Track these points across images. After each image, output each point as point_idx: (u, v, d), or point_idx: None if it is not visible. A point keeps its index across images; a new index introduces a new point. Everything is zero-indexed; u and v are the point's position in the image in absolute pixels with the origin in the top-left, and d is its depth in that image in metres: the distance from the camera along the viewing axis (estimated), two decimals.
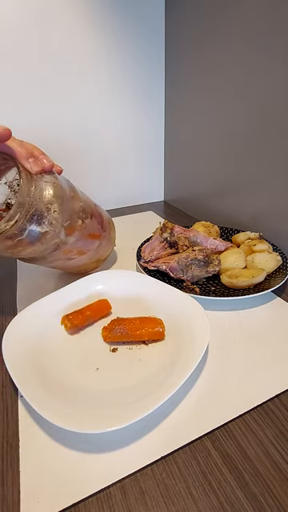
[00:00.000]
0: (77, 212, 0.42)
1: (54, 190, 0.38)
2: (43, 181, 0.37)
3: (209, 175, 0.73)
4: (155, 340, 0.39)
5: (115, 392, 0.33)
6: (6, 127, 0.33)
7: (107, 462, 0.27)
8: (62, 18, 0.65)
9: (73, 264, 0.47)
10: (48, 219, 0.37)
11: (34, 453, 0.28)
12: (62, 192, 0.39)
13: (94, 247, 0.47)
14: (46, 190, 0.37)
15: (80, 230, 0.42)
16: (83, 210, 0.43)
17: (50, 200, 0.37)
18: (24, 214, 0.35)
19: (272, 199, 0.57)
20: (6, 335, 0.37)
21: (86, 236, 0.44)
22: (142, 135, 0.85)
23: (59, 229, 0.39)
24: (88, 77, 0.72)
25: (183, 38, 0.70)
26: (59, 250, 0.41)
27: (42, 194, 0.36)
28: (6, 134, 0.33)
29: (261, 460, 0.27)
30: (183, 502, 0.25)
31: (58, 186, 0.38)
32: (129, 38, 0.73)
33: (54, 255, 0.42)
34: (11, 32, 0.62)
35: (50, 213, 0.37)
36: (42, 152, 0.38)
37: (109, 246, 0.52)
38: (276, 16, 0.48)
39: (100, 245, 0.48)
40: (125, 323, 0.39)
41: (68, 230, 0.40)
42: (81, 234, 0.43)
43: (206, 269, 0.49)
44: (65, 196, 0.39)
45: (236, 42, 0.56)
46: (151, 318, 0.40)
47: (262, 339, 0.40)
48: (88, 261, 0.48)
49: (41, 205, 0.36)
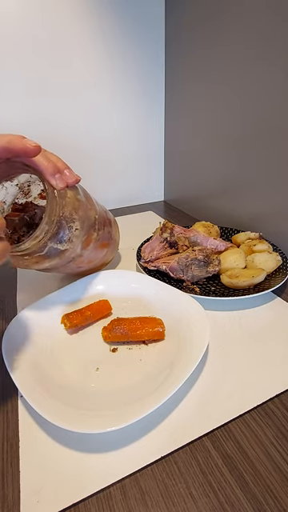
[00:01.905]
0: (93, 225, 0.41)
1: (77, 207, 0.37)
2: (67, 197, 0.36)
3: (209, 175, 0.73)
4: (155, 340, 0.39)
5: (115, 392, 0.33)
6: (36, 144, 0.31)
7: (107, 462, 0.27)
8: (61, 19, 0.65)
9: (80, 270, 0.47)
10: (69, 237, 0.37)
11: (34, 453, 0.28)
12: (83, 208, 0.38)
13: (102, 255, 0.47)
14: (68, 207, 0.36)
15: (94, 242, 0.42)
16: (98, 221, 0.43)
17: (73, 218, 0.37)
18: (47, 233, 0.35)
19: (272, 199, 0.57)
20: (6, 335, 0.37)
21: (98, 246, 0.44)
22: (142, 135, 0.85)
23: (78, 244, 0.39)
24: (88, 77, 0.72)
25: (183, 37, 0.70)
26: (73, 261, 0.41)
27: (65, 212, 0.36)
28: (35, 151, 0.31)
29: (261, 460, 0.27)
30: (183, 502, 0.25)
31: (80, 202, 0.38)
32: (129, 37, 0.72)
33: (66, 266, 0.42)
34: (11, 32, 0.62)
35: (72, 230, 0.37)
36: (67, 165, 0.36)
37: (114, 251, 0.52)
38: (277, 16, 0.48)
39: (107, 252, 0.49)
40: (125, 323, 0.39)
41: (84, 243, 0.40)
42: (94, 246, 0.43)
43: (206, 269, 0.49)
44: (85, 212, 0.39)
45: (237, 41, 0.56)
46: (151, 318, 0.40)
47: (262, 339, 0.40)
48: (94, 267, 0.48)
49: (64, 223, 0.36)
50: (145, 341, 0.39)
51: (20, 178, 0.41)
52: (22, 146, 0.30)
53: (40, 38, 0.64)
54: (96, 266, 0.49)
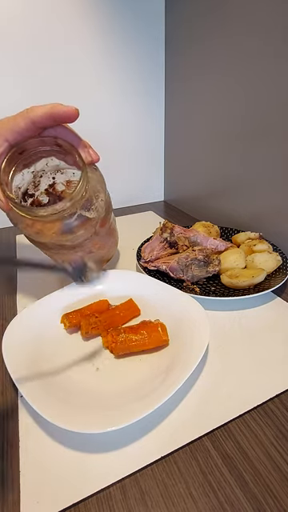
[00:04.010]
0: (109, 204, 0.44)
1: (100, 180, 0.41)
2: (92, 171, 0.39)
3: (209, 175, 0.73)
4: None
5: (115, 392, 0.33)
6: (76, 107, 0.33)
7: (107, 462, 0.27)
8: (61, 15, 0.65)
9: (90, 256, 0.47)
10: (95, 206, 0.39)
11: (33, 453, 0.28)
12: (104, 182, 0.42)
13: (109, 243, 0.49)
14: (94, 179, 0.39)
15: (108, 222, 0.45)
16: (111, 204, 0.46)
17: (98, 189, 0.40)
18: (81, 198, 0.36)
19: (272, 199, 0.57)
20: (6, 335, 0.37)
21: (110, 230, 0.47)
22: (142, 134, 0.85)
23: (100, 217, 0.41)
24: (87, 75, 0.72)
25: (184, 32, 0.69)
26: (90, 240, 0.42)
27: (92, 182, 0.39)
28: (76, 113, 0.34)
29: (261, 460, 0.27)
30: (183, 502, 0.25)
31: (102, 177, 0.41)
32: (128, 33, 0.72)
33: (82, 246, 0.42)
34: (11, 30, 0.62)
35: (98, 200, 0.39)
36: (90, 144, 0.39)
37: (115, 245, 0.53)
38: (277, 12, 0.48)
39: (113, 243, 0.51)
40: (131, 341, 0.37)
41: (102, 220, 0.42)
42: (108, 228, 0.45)
43: (206, 269, 0.49)
44: (105, 186, 0.42)
45: (237, 38, 0.56)
46: (156, 331, 0.38)
47: (262, 339, 0.40)
48: (100, 258, 0.49)
49: (91, 192, 0.38)
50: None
51: (37, 165, 0.42)
52: (66, 109, 0.33)
53: (39, 34, 0.64)
54: (102, 259, 0.50)
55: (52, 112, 0.32)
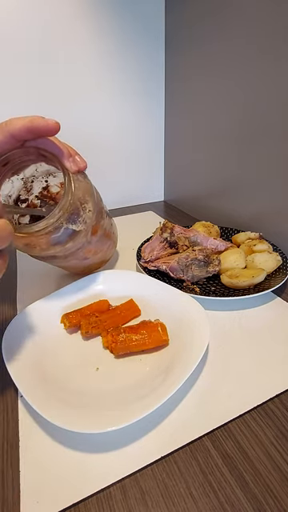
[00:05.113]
0: (101, 211, 0.42)
1: (88, 189, 0.39)
2: (78, 180, 0.37)
3: (209, 175, 0.73)
4: None
5: (115, 392, 0.33)
6: (56, 121, 0.32)
7: (107, 462, 0.27)
8: (60, 16, 0.65)
9: (85, 264, 0.47)
10: (83, 218, 0.38)
11: (34, 453, 0.28)
12: (93, 191, 0.40)
13: (106, 247, 0.48)
14: (81, 188, 0.37)
15: (101, 229, 0.44)
16: (104, 209, 0.44)
17: (86, 199, 0.38)
18: (64, 213, 0.35)
19: (272, 199, 0.57)
20: (6, 335, 0.37)
21: (104, 235, 0.45)
22: (142, 134, 0.85)
23: (90, 226, 0.39)
24: (87, 75, 0.72)
25: (183, 33, 0.70)
26: (82, 249, 0.42)
27: (78, 194, 0.37)
28: (57, 128, 0.32)
29: (261, 460, 0.27)
30: (183, 502, 0.25)
31: (90, 185, 0.39)
32: (128, 34, 0.72)
33: (74, 254, 0.42)
34: (11, 31, 0.62)
35: (85, 212, 0.38)
36: (76, 151, 0.38)
37: (114, 247, 0.52)
38: (277, 14, 0.48)
39: (110, 245, 0.49)
40: (131, 341, 0.37)
41: (93, 228, 0.41)
42: (101, 234, 0.44)
43: (206, 269, 0.49)
44: (94, 195, 0.40)
45: (237, 39, 0.56)
46: (156, 331, 0.38)
47: (262, 339, 0.40)
48: (97, 261, 0.49)
49: (77, 204, 0.37)
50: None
51: (26, 172, 0.41)
52: (45, 123, 0.31)
53: (38, 35, 0.64)
54: (99, 261, 0.49)
55: (31, 126, 0.31)
